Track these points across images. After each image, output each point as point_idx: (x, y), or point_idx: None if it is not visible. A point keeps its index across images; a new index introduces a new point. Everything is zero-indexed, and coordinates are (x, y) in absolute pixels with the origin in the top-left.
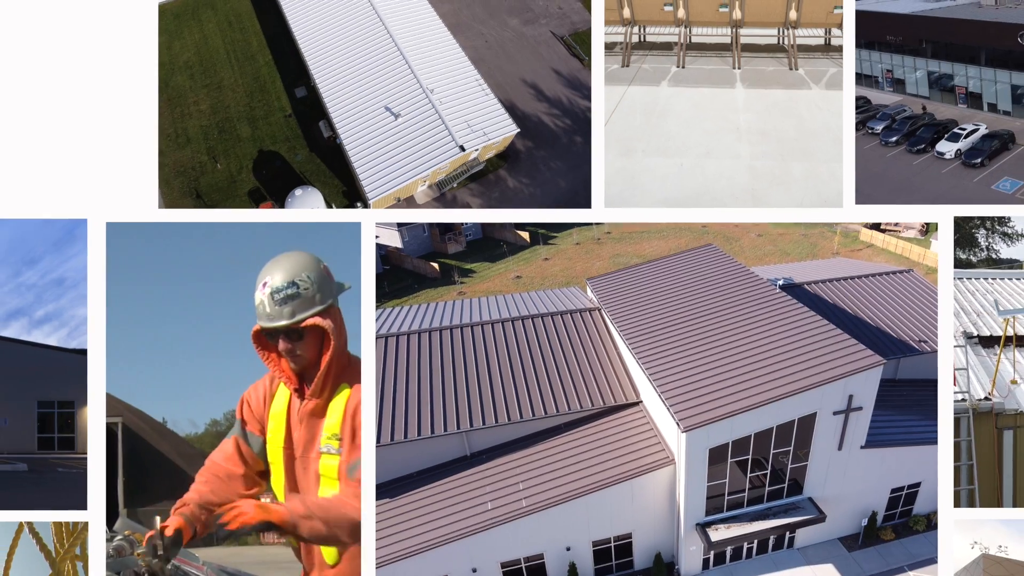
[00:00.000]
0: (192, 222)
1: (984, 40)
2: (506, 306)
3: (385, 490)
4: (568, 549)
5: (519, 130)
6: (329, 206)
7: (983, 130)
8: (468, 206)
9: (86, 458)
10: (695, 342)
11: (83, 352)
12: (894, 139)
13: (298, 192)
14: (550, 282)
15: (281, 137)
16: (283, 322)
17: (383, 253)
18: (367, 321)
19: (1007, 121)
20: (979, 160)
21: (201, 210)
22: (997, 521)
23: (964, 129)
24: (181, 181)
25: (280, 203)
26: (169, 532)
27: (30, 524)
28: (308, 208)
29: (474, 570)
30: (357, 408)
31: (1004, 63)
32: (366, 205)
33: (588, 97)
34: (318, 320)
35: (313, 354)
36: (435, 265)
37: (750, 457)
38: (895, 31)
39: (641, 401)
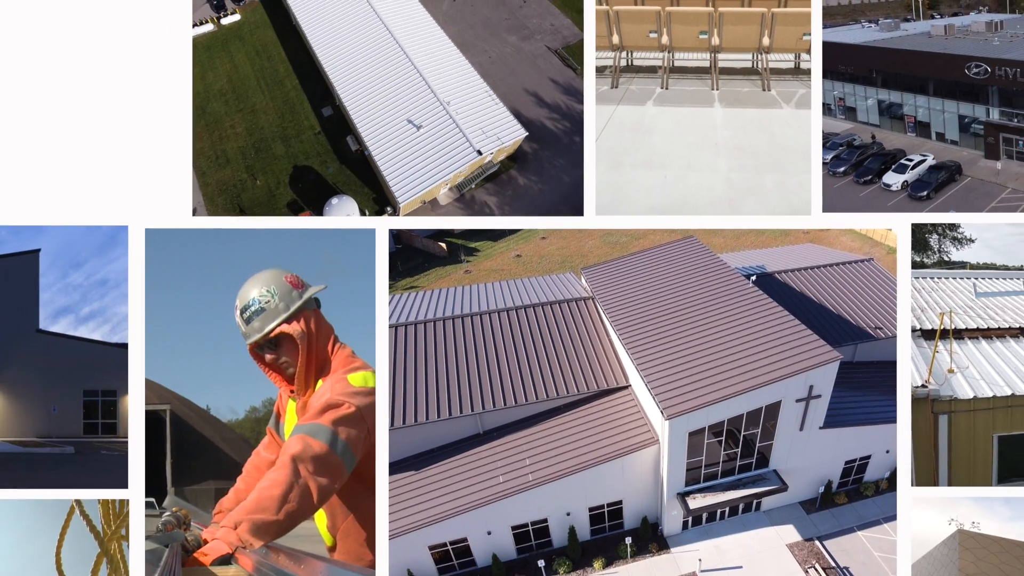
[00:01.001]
0: (228, 229)
1: (932, 71)
2: (509, 294)
3: (411, 463)
4: (568, 514)
5: (527, 133)
6: (363, 212)
7: (930, 161)
8: (486, 204)
9: (127, 441)
10: (677, 334)
11: (124, 346)
12: (842, 169)
13: (334, 201)
14: (547, 260)
15: (312, 153)
16: (255, 336)
17: (395, 233)
18: (381, 314)
19: (954, 150)
20: (925, 193)
21: (229, 217)
22: (971, 500)
23: (911, 160)
24: (224, 198)
25: (318, 212)
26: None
27: (79, 503)
28: (344, 214)
29: (489, 532)
30: (321, 391)
31: (952, 93)
32: (395, 209)
33: (583, 102)
34: (283, 328)
35: (295, 357)
36: (443, 244)
37: (723, 436)
38: (846, 61)
39: (630, 385)
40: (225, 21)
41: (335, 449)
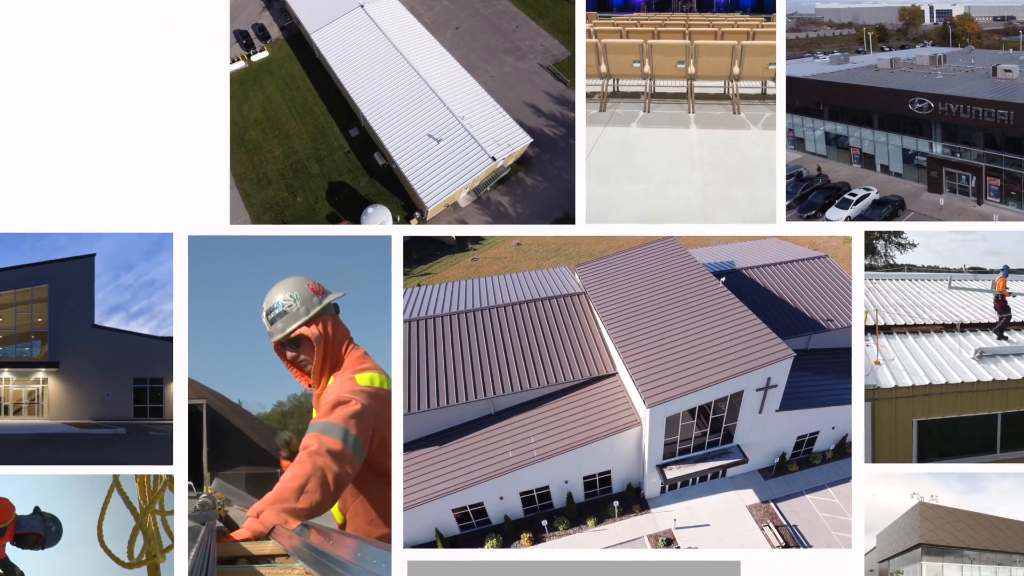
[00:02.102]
0: (262, 237)
1: (877, 105)
2: (512, 288)
3: (435, 439)
4: (566, 482)
5: (532, 140)
6: (395, 218)
7: (873, 195)
8: (500, 203)
9: (172, 423)
10: (656, 331)
11: (169, 339)
12: (787, 203)
13: (370, 210)
14: (544, 248)
15: (344, 169)
16: (278, 336)
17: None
18: (396, 311)
19: (898, 183)
20: None
21: (262, 226)
22: (930, 475)
23: (855, 195)
24: (269, 215)
25: (355, 221)
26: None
27: (117, 479)
28: (379, 221)
29: (501, 498)
30: (328, 394)
31: (896, 127)
32: (423, 214)
33: (574, 110)
34: (303, 330)
35: (312, 355)
36: (454, 236)
37: (695, 418)
38: (795, 94)
39: (616, 373)
40: (255, 58)
41: (347, 443)
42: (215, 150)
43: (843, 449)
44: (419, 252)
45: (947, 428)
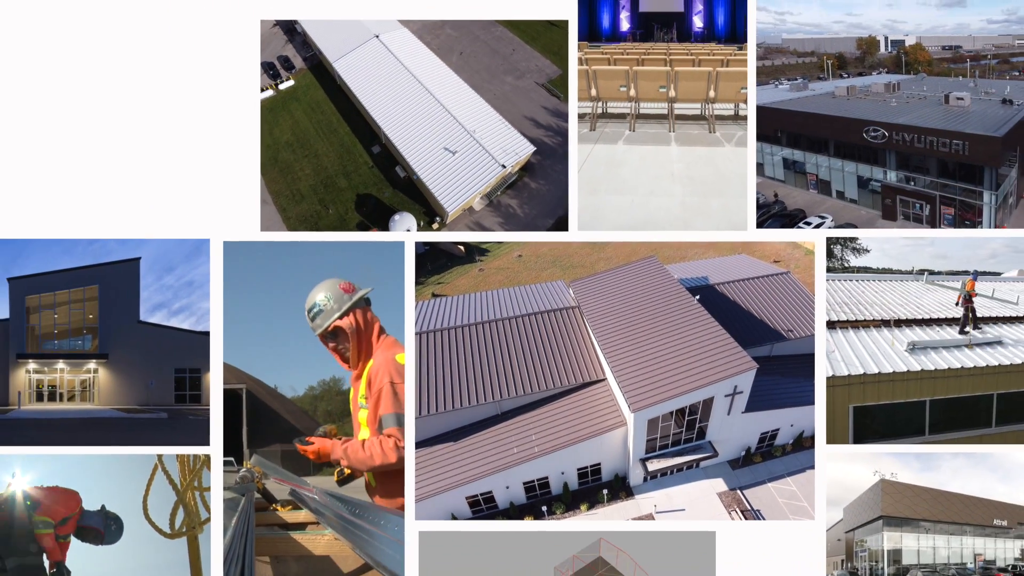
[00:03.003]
0: (290, 242)
1: (832, 133)
2: (513, 302)
3: (450, 436)
4: (562, 473)
5: (535, 148)
6: (419, 223)
7: (829, 223)
8: (509, 206)
9: (209, 408)
10: (639, 343)
11: (206, 333)
12: None
13: (396, 217)
14: (542, 259)
15: (370, 183)
16: (319, 330)
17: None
18: (409, 317)
19: (853, 209)
20: None
21: (288, 232)
22: (891, 455)
23: (809, 223)
24: (305, 227)
25: (384, 227)
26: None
27: (160, 458)
28: (405, 228)
29: (507, 487)
30: (375, 375)
31: (851, 154)
32: (444, 219)
33: (568, 121)
34: (338, 323)
35: (348, 343)
36: (461, 247)
37: (673, 419)
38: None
39: (605, 379)
40: (282, 87)
41: (401, 424)
42: (247, 167)
43: (800, 443)
44: (433, 263)
45: (880, 413)
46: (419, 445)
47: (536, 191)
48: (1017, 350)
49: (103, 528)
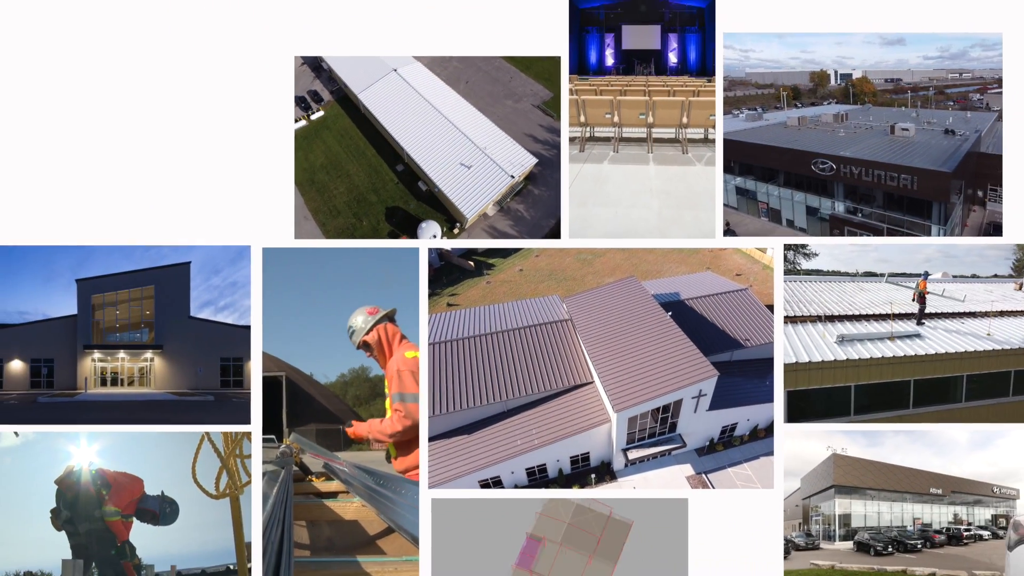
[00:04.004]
0: (320, 248)
1: (781, 165)
2: (516, 315)
3: (465, 430)
4: (558, 460)
5: (537, 160)
6: (442, 229)
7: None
8: (518, 210)
9: (250, 393)
10: (622, 352)
11: (247, 327)
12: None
13: (423, 225)
14: (539, 273)
15: (397, 197)
16: (355, 344)
17: (439, 252)
18: (423, 321)
19: (803, 237)
20: None
21: (317, 240)
22: (841, 432)
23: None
24: (343, 237)
25: (412, 235)
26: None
27: (208, 434)
28: (431, 234)
29: (512, 472)
30: (390, 368)
31: (800, 185)
32: (463, 224)
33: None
34: (365, 338)
35: (377, 350)
36: (471, 263)
37: (649, 417)
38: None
39: (593, 382)
40: (313, 117)
41: (405, 401)
42: (283, 186)
43: (755, 434)
44: (447, 277)
45: (812, 396)
46: (438, 437)
47: (539, 196)
48: (932, 342)
49: (159, 511)
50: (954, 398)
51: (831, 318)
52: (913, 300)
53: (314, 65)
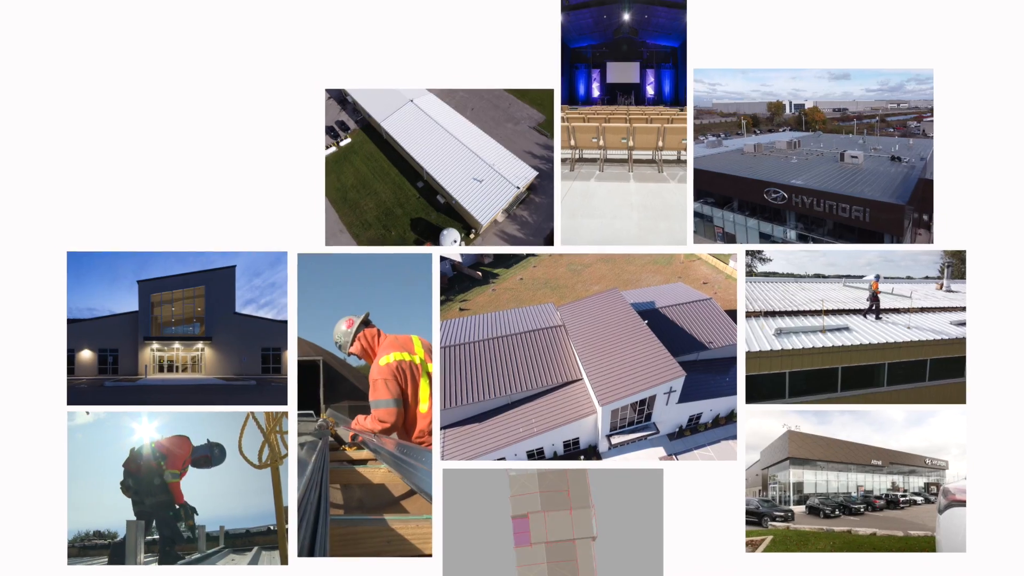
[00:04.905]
0: (349, 254)
1: (736, 192)
2: (517, 321)
3: (476, 419)
4: (553, 444)
5: (537, 173)
6: (460, 234)
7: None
8: (523, 216)
9: (286, 378)
10: (606, 355)
11: (284, 322)
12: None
13: (444, 232)
14: (537, 282)
15: (419, 209)
16: (343, 354)
17: (453, 263)
18: (435, 322)
19: (760, 244)
20: None
21: (345, 247)
22: (795, 412)
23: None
24: (373, 245)
25: (436, 242)
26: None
27: (252, 414)
28: (452, 240)
29: (516, 455)
30: (371, 374)
31: (754, 212)
32: (478, 230)
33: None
34: (351, 350)
35: (363, 355)
36: (479, 273)
37: (628, 408)
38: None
39: (582, 379)
40: (342, 144)
41: (390, 405)
42: (314, 201)
43: (717, 422)
44: (459, 285)
45: (755, 382)
46: (453, 425)
47: (540, 204)
48: (858, 334)
49: (210, 454)
50: (877, 383)
51: (772, 313)
52: (867, 299)
53: (340, 99)
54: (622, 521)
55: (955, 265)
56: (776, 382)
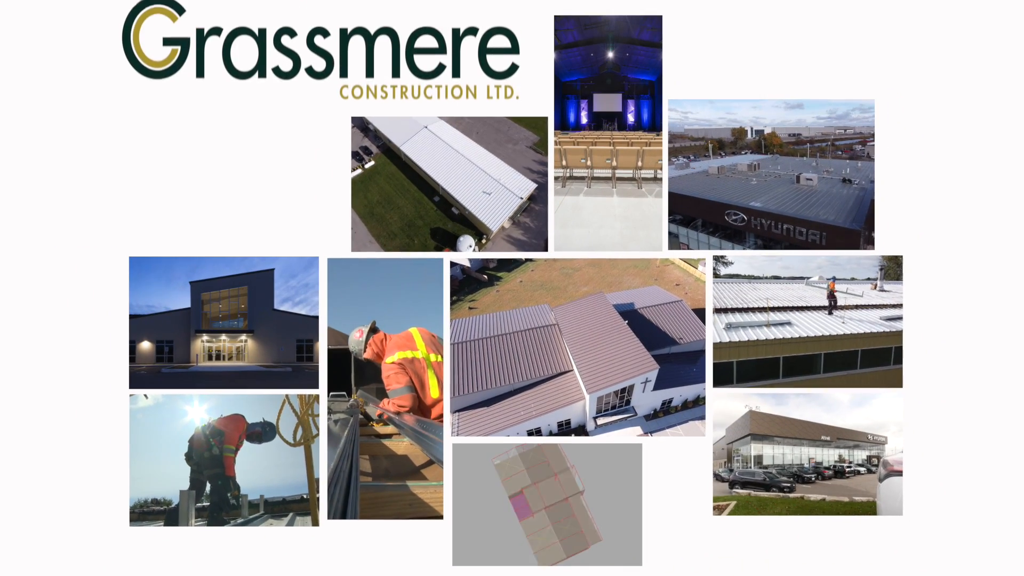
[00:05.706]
0: (371, 258)
1: (699, 213)
2: (517, 320)
3: (484, 403)
4: (548, 425)
5: (536, 184)
6: (474, 240)
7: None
8: (526, 223)
9: (318, 366)
10: (593, 349)
11: (316, 317)
12: None
13: (461, 239)
14: (534, 284)
15: (437, 220)
16: (360, 359)
17: (462, 267)
18: (446, 320)
19: (723, 250)
20: None
21: (368, 252)
22: (756, 395)
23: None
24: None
25: (453, 248)
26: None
27: (287, 397)
28: (468, 245)
29: (517, 434)
30: (383, 372)
31: (715, 232)
32: (488, 236)
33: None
34: (365, 356)
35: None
36: (485, 276)
37: (612, 395)
38: None
39: (572, 370)
40: (367, 166)
41: (404, 392)
42: (342, 213)
43: (686, 405)
44: (468, 287)
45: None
46: (465, 409)
47: (539, 213)
48: (798, 328)
49: (262, 430)
50: (815, 371)
51: (723, 310)
52: (827, 298)
53: (362, 127)
54: (608, 488)
55: (889, 267)
56: (726, 370)
